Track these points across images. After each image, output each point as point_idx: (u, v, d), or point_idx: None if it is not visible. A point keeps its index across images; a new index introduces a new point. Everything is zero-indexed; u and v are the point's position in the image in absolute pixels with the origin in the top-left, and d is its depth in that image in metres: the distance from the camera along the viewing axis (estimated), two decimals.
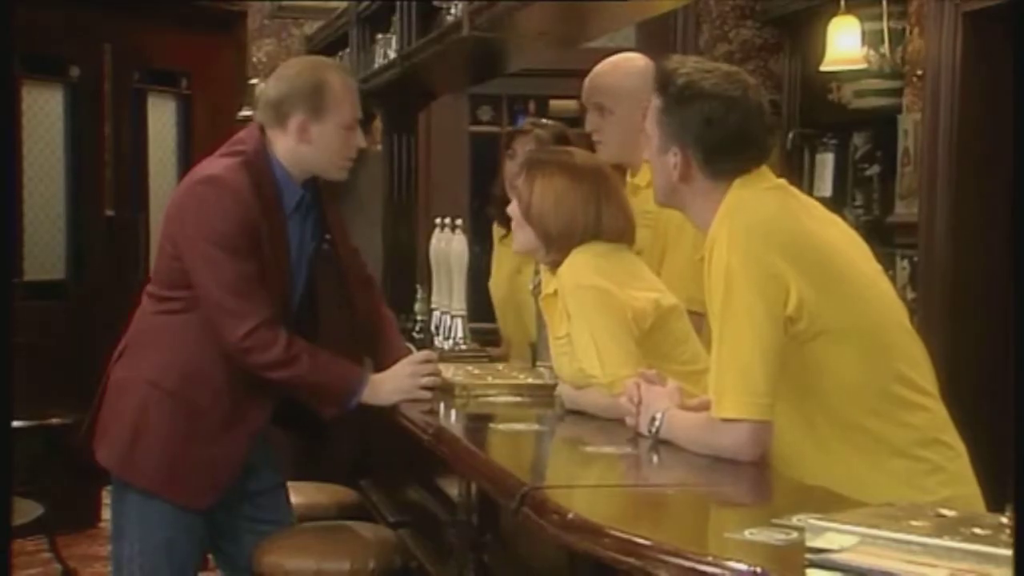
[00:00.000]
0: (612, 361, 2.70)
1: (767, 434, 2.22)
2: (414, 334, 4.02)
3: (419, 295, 4.12)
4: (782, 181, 2.46)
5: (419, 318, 4.08)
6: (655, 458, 2.42)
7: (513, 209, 2.96)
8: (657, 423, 2.41)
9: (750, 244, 2.24)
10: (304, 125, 3.07)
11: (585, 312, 2.75)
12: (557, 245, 2.87)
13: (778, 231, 2.29)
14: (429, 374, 3.13)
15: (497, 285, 4.13)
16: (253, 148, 3.09)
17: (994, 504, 1.95)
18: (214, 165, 3.09)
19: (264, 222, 3.04)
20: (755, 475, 2.24)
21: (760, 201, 2.35)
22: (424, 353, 3.27)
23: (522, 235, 2.94)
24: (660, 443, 2.41)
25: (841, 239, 2.42)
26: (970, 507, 2.12)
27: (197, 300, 3.03)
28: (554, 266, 2.88)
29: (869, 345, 2.29)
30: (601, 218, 2.85)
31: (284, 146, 3.10)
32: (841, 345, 2.27)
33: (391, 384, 3.11)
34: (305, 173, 3.14)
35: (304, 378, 3.04)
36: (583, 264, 2.80)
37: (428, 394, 3.10)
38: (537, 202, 2.88)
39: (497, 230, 4.17)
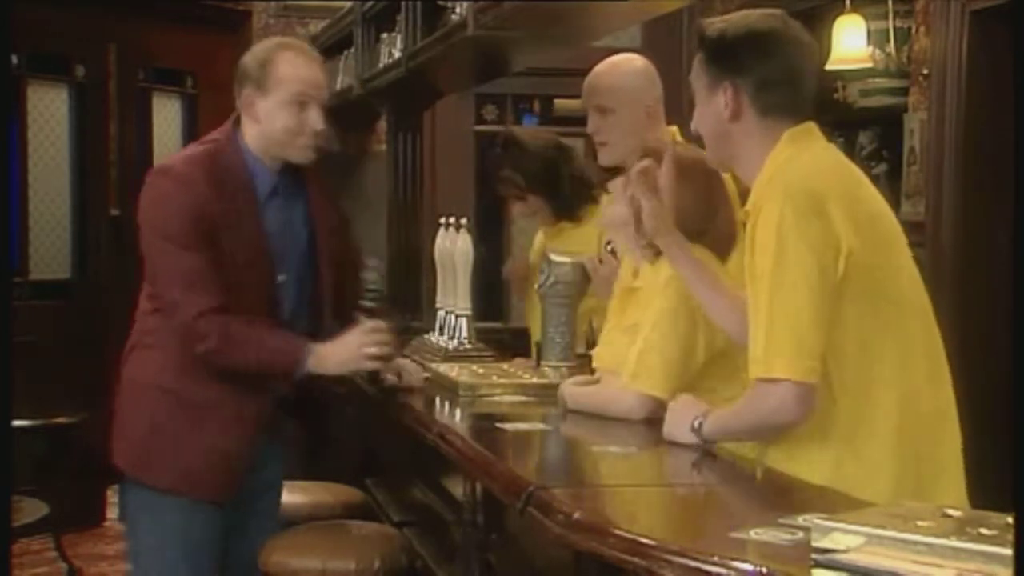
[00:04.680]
0: (650, 373, 2.65)
1: (813, 396, 2.19)
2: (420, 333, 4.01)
3: (424, 294, 4.11)
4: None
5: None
6: (660, 458, 2.42)
7: (617, 214, 2.83)
8: (698, 422, 2.37)
9: (804, 199, 2.21)
10: (250, 100, 3.06)
11: (667, 315, 2.67)
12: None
13: (834, 183, 2.27)
14: (377, 343, 3.11)
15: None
16: (224, 135, 3.11)
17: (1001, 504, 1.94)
18: (174, 157, 3.14)
19: (229, 209, 3.02)
20: (761, 475, 2.24)
21: (814, 157, 2.34)
22: (372, 323, 3.22)
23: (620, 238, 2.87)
24: (667, 443, 2.41)
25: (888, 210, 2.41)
26: None
27: None
28: (652, 257, 2.78)
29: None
30: (717, 215, 2.75)
31: (247, 128, 3.10)
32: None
33: (338, 355, 3.09)
34: (274, 159, 3.11)
35: (247, 361, 3.03)
36: None
37: (376, 364, 3.12)
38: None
39: None
